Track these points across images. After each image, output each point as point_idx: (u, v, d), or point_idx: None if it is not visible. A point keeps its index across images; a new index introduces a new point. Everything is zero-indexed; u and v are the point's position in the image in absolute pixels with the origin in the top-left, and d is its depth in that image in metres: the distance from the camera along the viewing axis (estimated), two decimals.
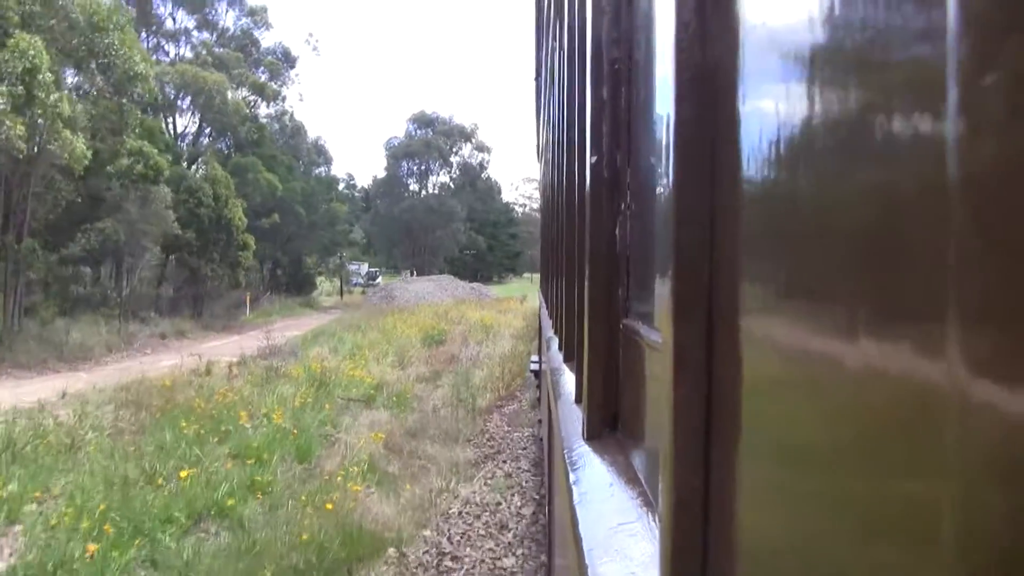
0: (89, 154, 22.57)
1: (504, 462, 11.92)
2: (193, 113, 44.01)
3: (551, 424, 4.45)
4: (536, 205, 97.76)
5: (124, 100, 26.35)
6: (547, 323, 6.58)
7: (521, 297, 48.53)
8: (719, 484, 0.80)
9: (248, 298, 40.13)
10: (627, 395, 1.84)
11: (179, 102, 42.82)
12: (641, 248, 1.80)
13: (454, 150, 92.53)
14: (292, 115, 54.54)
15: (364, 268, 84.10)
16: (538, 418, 11.36)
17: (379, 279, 73.69)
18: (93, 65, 24.77)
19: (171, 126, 43.67)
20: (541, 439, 9.51)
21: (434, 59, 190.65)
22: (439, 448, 12.22)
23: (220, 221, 35.27)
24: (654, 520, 1.29)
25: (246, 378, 16.93)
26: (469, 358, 21.73)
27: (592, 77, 1.98)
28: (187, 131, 45.34)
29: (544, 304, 9.18)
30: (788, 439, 0.66)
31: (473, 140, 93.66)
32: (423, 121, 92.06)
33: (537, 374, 12.00)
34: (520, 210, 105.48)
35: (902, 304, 0.46)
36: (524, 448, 12.80)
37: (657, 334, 1.41)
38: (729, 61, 0.78)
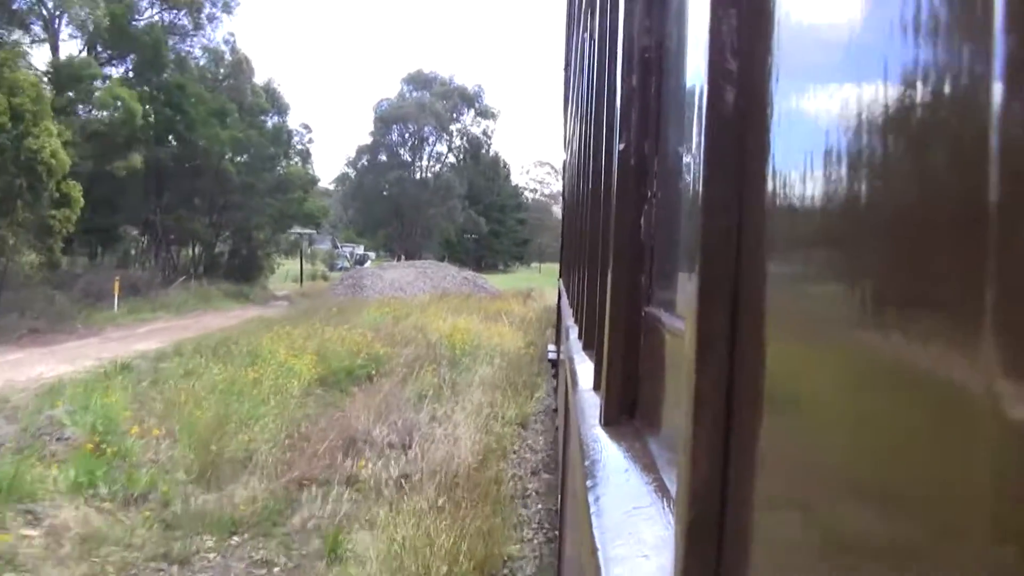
0: None
1: None
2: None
3: (567, 411, 4.47)
4: (548, 191, 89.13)
5: None
6: (567, 312, 6.59)
7: (526, 291, 37.89)
8: (737, 472, 0.80)
9: (117, 285, 26.83)
10: (646, 382, 1.85)
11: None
12: (666, 236, 1.81)
13: (454, 116, 78.70)
14: (234, 46, 39.74)
15: (359, 251, 73.63)
16: (554, 407, 11.39)
17: (368, 263, 62.50)
18: None
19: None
20: (557, 428, 9.54)
21: (436, 16, 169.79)
22: None
23: (20, 158, 21.39)
24: (669, 506, 1.30)
25: None
26: (378, 460, 9.38)
27: (623, 65, 1.98)
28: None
29: (564, 293, 9.20)
30: (809, 431, 0.66)
31: (476, 105, 79.39)
32: (419, 81, 77.97)
33: (555, 363, 12.05)
34: (531, 195, 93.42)
35: (931, 300, 0.46)
36: None
37: (680, 322, 1.42)
38: (763, 51, 0.78)
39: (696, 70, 1.09)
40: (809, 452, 0.66)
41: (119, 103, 28.71)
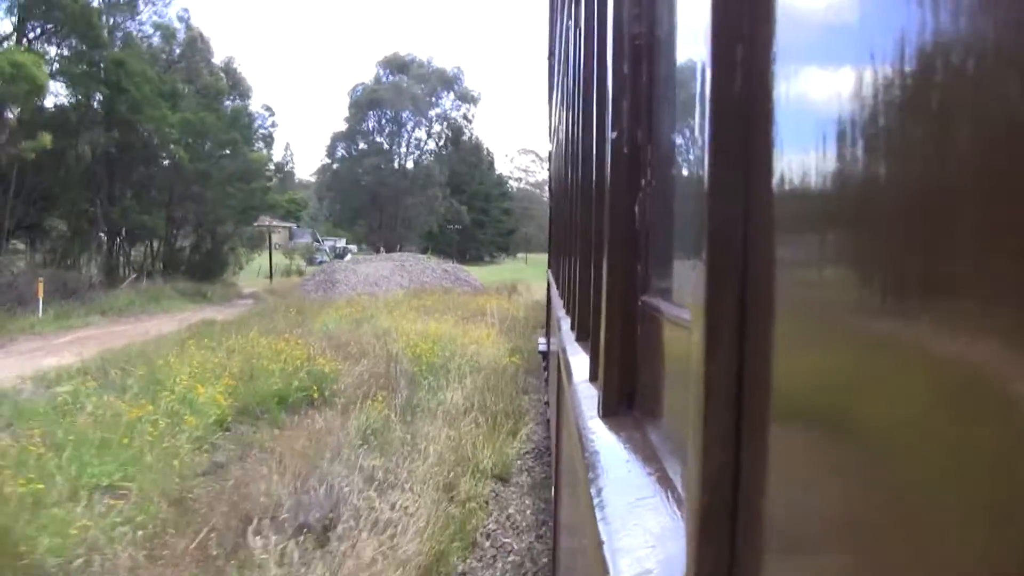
0: None
1: None
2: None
3: (560, 404, 4.47)
4: (533, 179, 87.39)
5: None
6: (558, 303, 6.60)
7: (511, 285, 34.88)
8: (749, 460, 0.80)
9: (41, 287, 23.22)
10: (644, 372, 1.84)
11: None
12: (661, 224, 1.80)
13: (432, 100, 74.97)
14: (188, 23, 37.07)
15: (340, 244, 70.19)
16: (545, 400, 11.34)
17: (348, 257, 56.91)
18: None
19: None
20: (548, 420, 9.55)
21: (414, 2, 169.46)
22: None
23: None
24: (672, 496, 1.29)
25: None
26: (280, 560, 5.85)
27: (613, 53, 1.97)
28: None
29: (554, 284, 9.21)
30: (821, 419, 0.66)
31: (456, 88, 75.42)
32: (396, 64, 74.07)
33: (545, 355, 12.00)
34: (516, 184, 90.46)
35: (947, 288, 0.46)
36: None
37: (680, 310, 1.41)
38: (766, 33, 0.77)
39: (696, 55, 1.08)
40: (821, 441, 0.65)
41: (11, 69, 23.70)
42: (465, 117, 76.93)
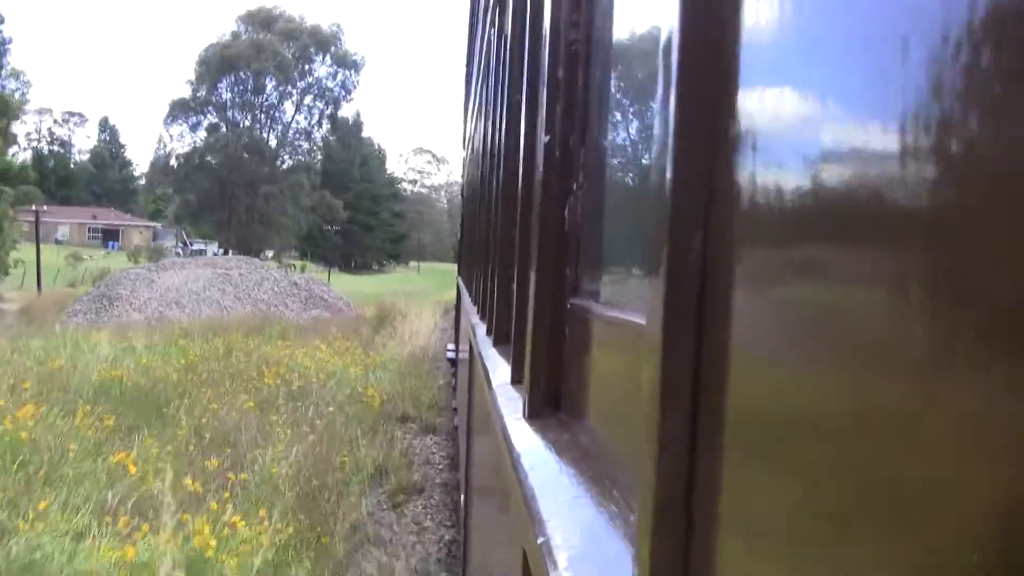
0: None
1: None
2: None
3: (476, 408, 4.46)
4: (430, 182, 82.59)
5: None
6: (471, 309, 6.59)
7: (384, 311, 22.61)
8: (705, 459, 0.81)
9: None
10: (572, 374, 1.86)
11: None
12: (592, 227, 1.82)
13: (304, 66, 60.16)
14: None
15: (212, 249, 56.37)
16: (453, 406, 11.30)
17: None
18: None
19: None
20: (456, 427, 9.52)
21: None
22: None
23: None
24: (603, 494, 1.31)
25: None
26: None
27: (549, 58, 1.99)
28: None
29: (466, 291, 9.19)
30: (777, 426, 0.67)
31: (333, 51, 60.66)
32: (260, 20, 58.29)
33: (454, 362, 11.96)
34: (410, 187, 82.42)
35: (898, 287, 0.48)
36: None
37: (612, 311, 1.44)
38: (732, 43, 0.79)
39: (640, 64, 1.10)
40: (779, 449, 0.67)
41: None
42: (344, 87, 61.80)
